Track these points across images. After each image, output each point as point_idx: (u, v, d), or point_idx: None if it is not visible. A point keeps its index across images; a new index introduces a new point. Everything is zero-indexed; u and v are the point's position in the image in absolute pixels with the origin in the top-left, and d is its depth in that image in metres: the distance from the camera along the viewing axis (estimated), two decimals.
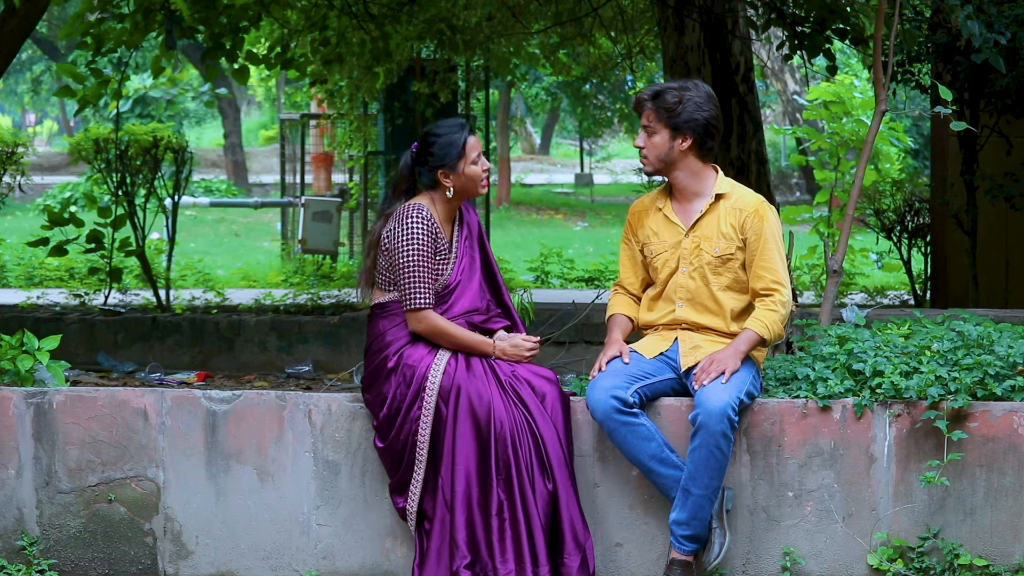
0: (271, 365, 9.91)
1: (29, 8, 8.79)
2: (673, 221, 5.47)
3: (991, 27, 7.55)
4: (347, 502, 5.53)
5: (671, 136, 5.39)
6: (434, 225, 5.37)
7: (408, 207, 5.39)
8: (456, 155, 5.38)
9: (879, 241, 12.24)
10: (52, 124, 53.09)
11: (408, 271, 5.34)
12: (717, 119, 5.41)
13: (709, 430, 5.13)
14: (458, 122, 5.47)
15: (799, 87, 26.40)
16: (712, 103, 5.41)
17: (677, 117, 5.36)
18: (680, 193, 5.48)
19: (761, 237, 5.38)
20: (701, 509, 5.21)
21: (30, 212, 27.64)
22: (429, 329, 5.36)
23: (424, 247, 5.34)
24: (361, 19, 11.08)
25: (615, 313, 5.59)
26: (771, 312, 5.34)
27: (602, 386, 5.26)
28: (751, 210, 5.40)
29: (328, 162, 21.59)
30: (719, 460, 5.16)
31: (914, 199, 11.41)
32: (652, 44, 14.32)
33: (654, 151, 5.42)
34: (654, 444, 5.24)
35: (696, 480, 5.19)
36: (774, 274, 5.37)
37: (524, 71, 22.11)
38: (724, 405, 5.13)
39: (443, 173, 5.40)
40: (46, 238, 11.04)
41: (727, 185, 5.46)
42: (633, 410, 5.23)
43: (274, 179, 28.68)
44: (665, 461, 5.25)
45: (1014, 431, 5.30)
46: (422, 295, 5.34)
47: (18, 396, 5.62)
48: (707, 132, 5.39)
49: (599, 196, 33.28)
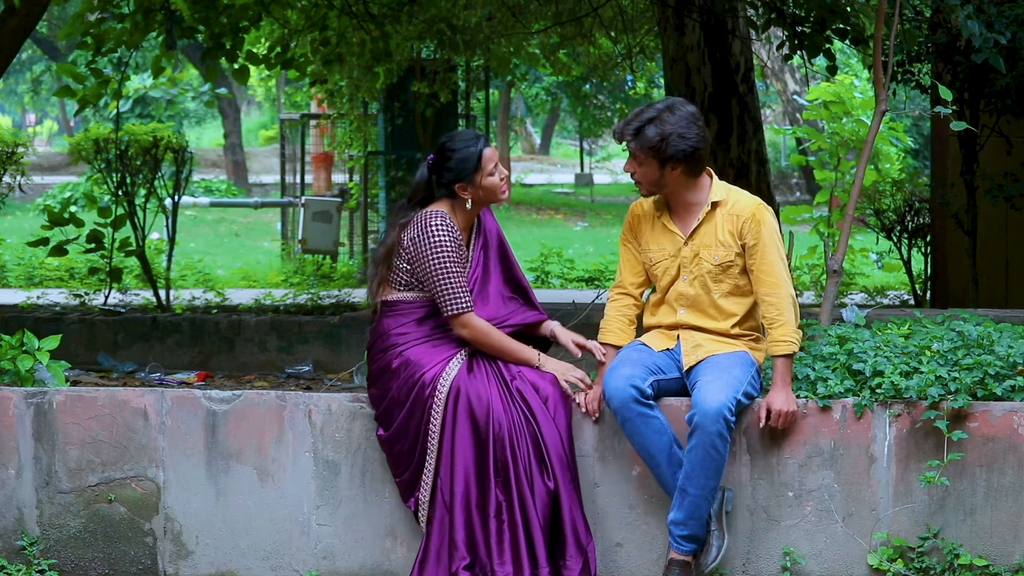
0: (271, 365, 9.90)
1: (29, 8, 8.78)
2: (672, 230, 5.46)
3: (991, 27, 7.54)
4: (347, 502, 5.53)
5: (659, 167, 5.36)
6: (455, 231, 5.36)
7: (429, 214, 5.36)
8: (472, 169, 5.36)
9: (879, 241, 12.24)
10: (52, 124, 53.09)
11: (441, 277, 5.31)
12: (703, 139, 5.34)
13: (705, 430, 5.13)
14: (473, 134, 5.43)
15: (799, 87, 26.39)
16: (695, 125, 5.32)
17: (663, 153, 5.31)
18: (677, 204, 5.47)
19: (760, 241, 5.37)
20: (698, 509, 5.21)
21: (30, 212, 27.64)
22: (474, 334, 5.33)
23: (452, 251, 5.32)
24: (361, 19, 11.08)
25: (607, 342, 5.55)
26: (783, 327, 5.32)
27: (622, 374, 5.25)
28: (748, 215, 5.38)
29: (328, 162, 21.58)
30: (715, 460, 5.16)
31: (914, 199, 11.40)
32: (652, 44, 14.32)
33: (645, 179, 5.39)
34: (666, 438, 5.24)
35: (692, 480, 5.19)
36: (775, 277, 5.36)
37: (524, 71, 22.11)
38: (720, 406, 5.13)
39: (460, 187, 5.39)
40: (46, 238, 11.04)
41: (722, 191, 5.43)
42: (650, 402, 5.23)
43: (274, 179, 28.67)
44: (673, 458, 5.25)
45: (1014, 431, 5.30)
46: (461, 299, 5.32)
47: (18, 396, 5.62)
48: (695, 157, 5.34)
49: (599, 196, 33.27)
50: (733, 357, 5.35)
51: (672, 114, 5.32)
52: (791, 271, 5.62)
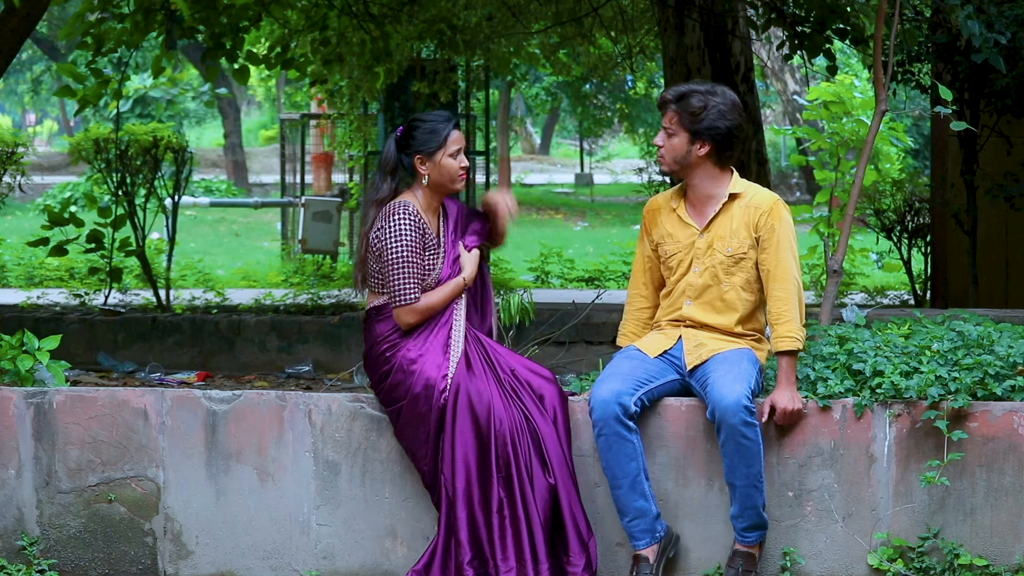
0: (271, 365, 9.90)
1: (29, 8, 8.78)
2: (687, 222, 5.46)
3: (991, 27, 7.55)
4: (347, 502, 5.53)
5: (690, 140, 5.37)
6: (420, 220, 5.39)
7: (394, 205, 5.41)
8: (436, 144, 5.40)
9: (879, 241, 12.24)
10: (52, 124, 53.09)
11: (395, 268, 5.34)
12: (740, 128, 5.38)
13: (728, 424, 5.15)
14: (445, 115, 5.50)
15: (799, 87, 26.39)
16: (737, 112, 5.38)
17: (699, 123, 5.33)
18: (694, 195, 5.47)
19: (775, 234, 5.37)
20: (749, 498, 5.23)
21: (30, 212, 27.63)
22: (420, 316, 5.37)
23: (412, 243, 5.35)
24: (361, 19, 11.08)
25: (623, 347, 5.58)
26: (788, 323, 5.33)
27: (609, 388, 5.26)
28: (766, 208, 5.39)
29: (328, 162, 21.58)
30: (748, 449, 5.17)
31: (914, 199, 11.40)
32: (652, 44, 14.31)
33: (671, 152, 5.40)
34: (634, 465, 5.25)
35: (734, 473, 5.21)
36: (785, 273, 5.36)
37: (524, 71, 22.14)
38: (738, 396, 5.14)
39: (420, 159, 5.42)
40: (46, 238, 11.04)
41: (742, 185, 5.45)
42: (630, 423, 5.23)
43: (274, 179, 28.67)
44: (636, 486, 5.25)
45: (1014, 431, 5.30)
46: (410, 292, 5.35)
47: (18, 396, 5.62)
48: (727, 141, 5.36)
49: (599, 196, 33.27)
50: (737, 353, 5.35)
51: (722, 94, 5.40)
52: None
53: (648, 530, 5.27)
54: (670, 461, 5.41)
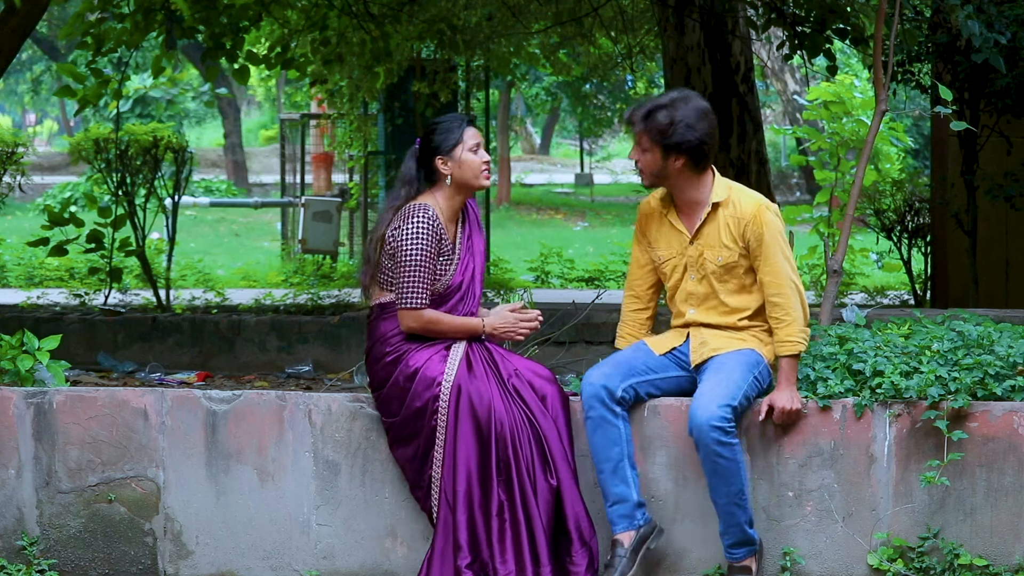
0: (271, 365, 9.90)
1: (29, 8, 8.78)
2: (678, 228, 5.46)
3: (991, 27, 7.55)
4: (347, 502, 5.53)
5: (663, 155, 5.33)
6: (439, 225, 5.37)
7: (414, 207, 5.38)
8: (454, 141, 5.39)
9: (879, 241, 12.24)
10: (52, 124, 53.08)
11: (407, 270, 5.33)
12: (710, 135, 5.33)
13: (702, 442, 5.15)
14: (459, 116, 5.51)
15: (799, 87, 26.39)
16: (705, 120, 5.32)
17: (669, 138, 5.30)
18: (681, 200, 5.46)
19: (763, 242, 5.36)
20: (732, 516, 5.21)
21: (30, 212, 27.64)
22: (423, 326, 5.35)
23: (427, 247, 5.33)
24: (361, 19, 11.08)
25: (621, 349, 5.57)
26: (789, 326, 5.32)
27: (601, 372, 5.29)
28: (749, 217, 5.36)
29: (328, 162, 21.58)
30: (726, 468, 5.15)
31: (914, 199, 11.40)
32: (652, 44, 14.32)
33: (648, 167, 5.38)
34: (617, 450, 5.23)
35: (715, 491, 5.21)
36: (779, 277, 5.35)
37: (524, 71, 22.12)
38: (709, 416, 5.12)
39: (441, 160, 5.40)
40: (46, 238, 11.04)
41: (724, 191, 5.40)
42: (615, 408, 5.23)
43: (274, 179, 28.66)
44: (619, 472, 5.24)
45: (1014, 431, 5.30)
46: (419, 295, 5.34)
47: (18, 396, 5.62)
48: (699, 150, 5.32)
49: (599, 196, 33.28)
50: (738, 356, 5.33)
51: (685, 104, 5.33)
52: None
53: (627, 515, 5.25)
54: (670, 461, 5.41)
